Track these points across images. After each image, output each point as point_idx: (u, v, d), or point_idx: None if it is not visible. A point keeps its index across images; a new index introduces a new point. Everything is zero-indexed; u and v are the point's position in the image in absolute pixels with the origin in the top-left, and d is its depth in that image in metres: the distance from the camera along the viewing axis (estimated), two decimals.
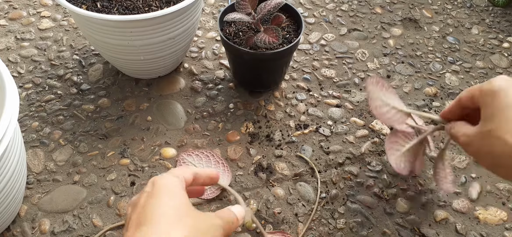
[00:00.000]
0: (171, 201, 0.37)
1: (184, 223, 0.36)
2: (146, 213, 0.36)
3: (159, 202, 0.37)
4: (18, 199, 0.57)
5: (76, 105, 0.75)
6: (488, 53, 0.90)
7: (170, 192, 0.38)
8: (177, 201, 0.37)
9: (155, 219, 0.35)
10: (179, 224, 0.35)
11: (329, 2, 1.01)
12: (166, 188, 0.38)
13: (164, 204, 0.36)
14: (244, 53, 0.68)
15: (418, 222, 0.61)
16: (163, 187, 0.38)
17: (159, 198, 0.37)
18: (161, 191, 0.38)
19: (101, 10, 0.68)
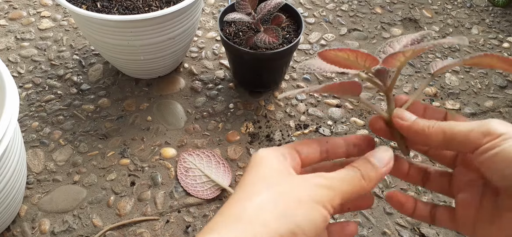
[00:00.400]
0: (260, 171, 0.31)
1: (271, 190, 0.29)
2: (236, 189, 0.31)
3: (247, 174, 0.32)
4: (18, 199, 0.57)
5: (76, 105, 0.75)
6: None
7: (259, 163, 0.32)
8: (266, 170, 0.31)
9: (240, 190, 0.30)
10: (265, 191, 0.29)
11: (329, 2, 1.01)
12: (255, 161, 0.32)
13: (252, 175, 0.31)
14: (244, 53, 0.68)
15: (418, 222, 0.61)
16: (252, 161, 0.33)
17: (248, 171, 0.32)
18: (250, 165, 0.33)
19: (101, 10, 0.68)
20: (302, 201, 0.28)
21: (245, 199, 0.29)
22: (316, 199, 0.28)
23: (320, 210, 0.28)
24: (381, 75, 0.33)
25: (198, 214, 0.61)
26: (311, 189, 0.29)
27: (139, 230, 0.60)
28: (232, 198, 0.30)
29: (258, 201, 0.28)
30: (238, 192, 0.30)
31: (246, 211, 0.28)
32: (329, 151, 0.35)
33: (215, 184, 0.64)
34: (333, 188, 0.29)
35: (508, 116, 0.77)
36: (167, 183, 0.65)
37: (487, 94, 0.81)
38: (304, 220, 0.27)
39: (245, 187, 0.30)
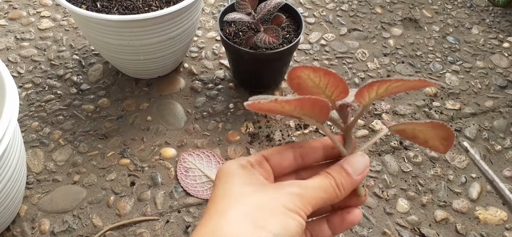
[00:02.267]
0: (229, 183, 0.31)
1: (243, 202, 0.29)
2: (208, 205, 0.31)
3: (216, 189, 0.31)
4: (18, 199, 0.57)
5: (76, 105, 0.75)
6: (488, 53, 0.90)
7: (227, 176, 0.31)
8: (235, 182, 0.31)
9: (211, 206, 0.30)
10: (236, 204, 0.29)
11: (329, 2, 1.01)
12: (221, 174, 0.32)
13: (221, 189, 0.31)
14: (244, 53, 0.68)
15: (418, 222, 0.61)
16: (219, 174, 0.32)
17: (216, 186, 0.32)
18: (218, 179, 0.32)
19: (101, 10, 0.68)
20: (276, 211, 0.28)
21: (218, 214, 0.28)
22: (290, 207, 0.28)
23: (294, 218, 0.28)
24: (344, 111, 0.32)
25: (198, 214, 0.61)
26: (283, 198, 0.29)
27: (139, 230, 0.60)
28: (205, 216, 0.29)
29: (232, 215, 0.28)
30: (210, 209, 0.29)
31: (221, 228, 0.27)
32: (305, 156, 0.34)
33: None
34: (306, 196, 0.29)
35: (508, 116, 0.77)
36: (167, 183, 0.65)
37: (487, 94, 0.81)
38: (280, 230, 0.27)
39: (216, 202, 0.29)
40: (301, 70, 0.29)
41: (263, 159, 0.33)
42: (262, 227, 0.27)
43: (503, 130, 0.75)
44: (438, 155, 0.70)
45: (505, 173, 0.68)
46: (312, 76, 0.29)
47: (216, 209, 0.29)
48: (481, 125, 0.75)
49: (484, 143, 0.72)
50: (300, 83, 0.30)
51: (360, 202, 0.34)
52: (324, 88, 0.29)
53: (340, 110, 0.32)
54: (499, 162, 0.70)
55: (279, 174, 0.34)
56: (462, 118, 0.76)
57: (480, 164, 0.33)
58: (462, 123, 0.75)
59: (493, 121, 0.76)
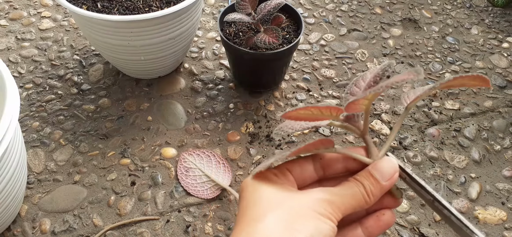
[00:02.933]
0: (260, 191, 0.31)
1: (276, 208, 0.29)
2: (236, 219, 0.32)
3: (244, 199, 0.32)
4: (19, 199, 0.57)
5: (77, 105, 0.76)
6: (488, 53, 0.91)
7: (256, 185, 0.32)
8: (266, 190, 0.31)
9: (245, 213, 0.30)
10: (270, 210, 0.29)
11: (329, 3, 1.01)
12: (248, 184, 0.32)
13: (253, 197, 0.31)
14: (244, 53, 0.68)
15: (418, 222, 0.62)
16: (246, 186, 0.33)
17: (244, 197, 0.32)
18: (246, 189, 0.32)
19: (101, 11, 0.68)
20: (308, 215, 0.29)
21: (254, 220, 0.29)
22: (321, 212, 0.29)
23: (326, 222, 0.29)
24: (352, 120, 0.32)
25: (199, 214, 0.62)
26: (314, 204, 0.29)
27: (139, 230, 0.60)
28: (240, 224, 0.30)
29: (269, 220, 0.29)
30: (243, 216, 0.30)
31: (261, 232, 0.28)
32: (325, 167, 0.34)
33: (215, 184, 0.64)
34: (335, 202, 0.30)
35: (507, 116, 0.77)
36: (168, 183, 0.65)
37: (487, 94, 0.81)
38: (315, 232, 0.28)
39: (249, 209, 0.30)
40: (291, 113, 0.30)
41: (286, 170, 0.33)
42: (297, 230, 0.28)
43: (502, 130, 0.75)
44: (438, 155, 0.70)
45: (504, 173, 0.68)
46: (303, 112, 0.30)
47: (251, 216, 0.30)
48: (481, 125, 0.75)
49: (483, 143, 0.73)
50: (298, 117, 0.31)
51: (396, 204, 0.34)
52: (320, 114, 0.31)
53: (348, 120, 0.32)
54: (498, 162, 0.70)
55: (301, 185, 0.34)
56: (462, 118, 0.77)
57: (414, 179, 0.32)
58: (461, 123, 0.76)
59: (492, 121, 0.76)
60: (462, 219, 0.30)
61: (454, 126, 0.75)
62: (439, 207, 0.31)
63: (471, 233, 0.29)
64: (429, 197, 0.32)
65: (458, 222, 0.30)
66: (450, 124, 0.76)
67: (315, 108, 0.30)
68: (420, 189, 0.32)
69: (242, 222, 0.30)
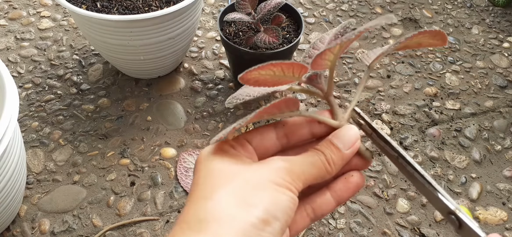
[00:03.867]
0: (211, 166, 0.29)
1: (228, 182, 0.27)
2: (190, 192, 0.29)
3: (196, 174, 0.29)
4: (18, 199, 0.57)
5: (76, 105, 0.75)
6: (488, 53, 0.90)
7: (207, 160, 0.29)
8: (217, 164, 0.28)
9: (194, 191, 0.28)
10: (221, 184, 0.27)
11: (329, 2, 1.01)
12: (201, 159, 0.30)
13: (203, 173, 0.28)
14: (244, 53, 0.68)
15: (418, 222, 0.61)
16: (199, 160, 0.30)
17: (197, 171, 0.29)
18: (198, 164, 0.30)
19: (101, 10, 0.68)
20: (264, 187, 0.26)
21: (204, 198, 0.26)
22: (278, 182, 0.27)
23: (285, 192, 0.27)
24: (314, 81, 0.30)
25: None
26: (271, 174, 0.27)
27: (139, 230, 0.60)
28: (190, 201, 0.27)
29: (219, 196, 0.26)
30: (193, 195, 0.27)
31: (210, 210, 0.25)
32: (289, 135, 0.31)
33: None
34: (295, 171, 0.28)
35: (508, 116, 0.77)
36: (167, 183, 0.65)
37: (487, 94, 0.81)
38: (272, 206, 0.26)
39: (200, 186, 0.27)
40: (250, 73, 0.27)
41: (244, 141, 0.30)
42: (252, 205, 0.25)
43: (503, 130, 0.75)
44: (438, 155, 0.70)
45: (505, 173, 0.68)
46: (264, 72, 0.28)
47: (199, 194, 0.27)
48: (481, 125, 0.75)
49: (484, 143, 0.72)
50: (257, 80, 0.29)
51: (365, 165, 0.32)
52: (282, 74, 0.28)
53: (310, 82, 0.30)
54: (499, 162, 0.70)
55: (263, 155, 0.31)
56: (462, 118, 0.76)
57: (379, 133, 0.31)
58: (462, 123, 0.75)
59: (493, 121, 0.76)
60: (426, 177, 0.28)
61: (455, 126, 0.75)
62: (403, 164, 0.29)
63: (434, 190, 0.28)
64: (394, 154, 0.30)
65: (422, 179, 0.29)
66: (450, 124, 0.75)
67: (275, 66, 0.27)
68: (385, 144, 0.30)
69: (190, 201, 0.27)
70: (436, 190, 0.28)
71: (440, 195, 0.28)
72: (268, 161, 0.28)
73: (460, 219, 0.27)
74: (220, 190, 0.26)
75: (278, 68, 0.27)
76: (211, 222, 0.25)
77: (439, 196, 0.28)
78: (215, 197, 0.26)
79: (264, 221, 0.25)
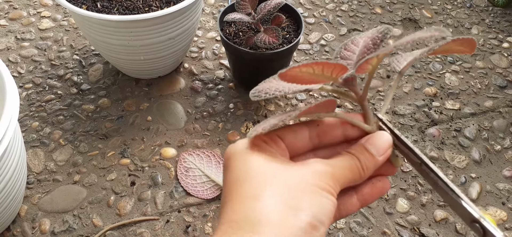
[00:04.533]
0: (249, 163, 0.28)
1: (271, 183, 0.27)
2: (224, 191, 0.29)
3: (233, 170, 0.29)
4: (18, 199, 0.57)
5: (76, 105, 0.76)
6: (488, 53, 0.90)
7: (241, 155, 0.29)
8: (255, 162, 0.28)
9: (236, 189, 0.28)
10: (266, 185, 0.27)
11: (329, 2, 1.01)
12: (236, 154, 0.29)
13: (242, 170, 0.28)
14: (244, 53, 0.68)
15: (418, 222, 0.61)
16: (233, 155, 0.30)
17: (232, 167, 0.29)
18: (233, 159, 0.29)
19: (101, 10, 0.68)
20: (308, 191, 0.26)
21: (251, 198, 0.26)
22: (321, 186, 0.27)
23: (328, 197, 0.27)
24: (350, 83, 0.30)
25: (198, 214, 0.62)
26: (313, 177, 0.27)
27: (139, 230, 0.60)
28: (235, 199, 0.27)
29: (267, 198, 0.26)
30: (238, 190, 0.27)
31: (260, 212, 0.25)
32: (321, 135, 0.31)
33: (215, 184, 0.64)
34: (335, 175, 0.28)
35: (508, 116, 0.77)
36: (167, 183, 0.65)
37: (487, 94, 0.81)
38: (317, 210, 0.26)
39: (243, 184, 0.27)
40: (292, 69, 0.27)
41: (277, 138, 0.30)
42: (300, 209, 0.26)
43: (502, 130, 0.75)
44: (438, 155, 0.70)
45: (505, 173, 0.68)
46: (305, 69, 0.28)
47: (245, 193, 0.27)
48: (481, 125, 0.75)
49: (483, 143, 0.72)
50: (295, 77, 0.29)
51: (393, 171, 0.33)
52: (321, 73, 0.28)
53: (345, 84, 0.30)
54: (498, 162, 0.70)
55: (294, 154, 0.31)
56: (462, 118, 0.76)
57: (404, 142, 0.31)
58: (461, 123, 0.76)
59: (492, 121, 0.76)
60: (449, 184, 0.29)
61: (455, 126, 0.75)
62: (427, 171, 0.30)
63: (457, 197, 0.28)
64: (417, 161, 0.30)
65: (446, 187, 0.29)
66: (450, 124, 0.75)
67: (317, 65, 0.27)
68: (409, 151, 0.31)
69: (235, 199, 0.27)
70: (460, 198, 0.28)
71: (464, 203, 0.28)
72: (308, 163, 0.28)
73: (485, 227, 0.27)
74: (266, 190, 0.26)
75: (319, 67, 0.28)
76: (262, 225, 0.25)
77: (462, 203, 0.28)
78: (263, 199, 0.26)
79: (312, 226, 0.25)
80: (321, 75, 0.28)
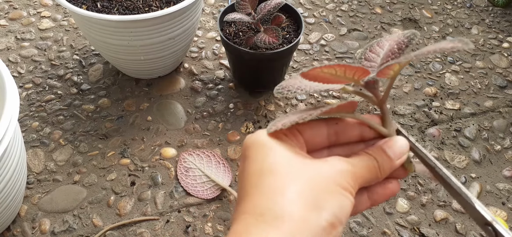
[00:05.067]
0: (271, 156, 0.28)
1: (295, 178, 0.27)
2: (243, 181, 0.28)
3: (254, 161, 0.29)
4: (18, 199, 0.57)
5: (76, 105, 0.76)
6: (488, 53, 0.90)
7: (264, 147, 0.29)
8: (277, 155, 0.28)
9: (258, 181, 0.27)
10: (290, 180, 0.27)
11: (329, 2, 1.01)
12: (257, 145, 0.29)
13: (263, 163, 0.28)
14: (244, 53, 0.68)
15: (418, 222, 0.61)
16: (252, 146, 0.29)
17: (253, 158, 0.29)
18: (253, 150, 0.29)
19: (101, 10, 0.68)
20: (331, 190, 0.27)
21: (275, 192, 0.26)
22: (343, 185, 0.27)
23: (348, 197, 0.27)
24: (372, 86, 0.31)
25: (198, 214, 0.62)
26: (336, 176, 0.28)
27: (139, 230, 0.60)
28: (254, 193, 0.27)
29: (291, 194, 0.26)
30: (257, 186, 0.27)
31: (284, 208, 0.26)
32: (339, 133, 0.32)
33: (215, 184, 0.64)
34: (356, 174, 0.28)
35: (508, 116, 0.77)
36: (167, 183, 0.65)
37: (487, 94, 0.81)
38: (338, 210, 0.26)
39: (263, 178, 0.27)
40: (314, 70, 0.28)
41: (297, 132, 0.30)
42: (322, 208, 0.26)
43: (502, 130, 0.75)
44: (438, 155, 0.70)
45: (505, 173, 0.68)
46: (326, 70, 0.28)
47: (267, 186, 0.27)
48: (481, 125, 0.75)
49: (483, 143, 0.72)
50: (317, 76, 0.29)
51: (404, 175, 0.34)
52: (343, 75, 0.29)
53: (367, 86, 0.31)
54: (498, 162, 0.70)
55: (310, 149, 0.31)
56: (462, 118, 0.76)
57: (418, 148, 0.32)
58: (461, 123, 0.76)
59: (492, 121, 0.76)
60: (461, 188, 0.30)
61: (455, 126, 0.75)
62: (440, 174, 0.31)
63: (470, 201, 0.29)
64: (431, 164, 0.32)
65: (459, 190, 0.30)
66: (450, 124, 0.75)
67: (340, 67, 0.28)
68: (423, 156, 0.33)
69: (258, 191, 0.27)
70: (472, 201, 0.28)
71: (477, 206, 0.28)
72: (330, 161, 0.29)
73: (497, 230, 0.27)
74: (291, 186, 0.27)
75: (341, 69, 0.28)
76: (285, 220, 0.25)
77: (475, 206, 0.28)
78: (287, 194, 0.26)
79: (332, 225, 0.26)
80: (343, 76, 0.29)
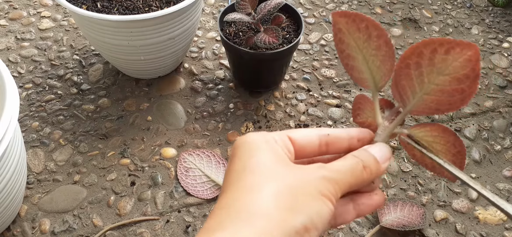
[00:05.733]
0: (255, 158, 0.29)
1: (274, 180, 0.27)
2: (226, 178, 0.29)
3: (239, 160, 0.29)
4: (18, 199, 0.57)
5: (76, 105, 0.76)
6: (488, 53, 0.90)
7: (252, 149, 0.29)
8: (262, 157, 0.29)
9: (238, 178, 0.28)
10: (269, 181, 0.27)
11: (329, 2, 1.01)
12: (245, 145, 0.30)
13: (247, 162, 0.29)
14: (244, 53, 0.68)
15: None
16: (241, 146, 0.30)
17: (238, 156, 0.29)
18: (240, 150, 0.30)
19: (101, 10, 0.68)
20: (310, 195, 0.27)
21: (249, 191, 0.27)
22: (323, 192, 0.27)
23: (327, 204, 0.27)
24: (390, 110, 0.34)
25: (198, 214, 0.62)
26: (317, 182, 0.28)
27: (139, 230, 0.60)
28: (233, 189, 0.28)
29: (266, 193, 0.27)
30: (237, 182, 0.28)
31: (256, 205, 0.26)
32: (330, 144, 0.32)
33: (215, 184, 0.64)
34: (337, 181, 0.28)
35: (508, 116, 0.77)
36: (167, 183, 0.65)
37: (487, 94, 0.81)
38: (315, 215, 0.27)
39: (243, 176, 0.28)
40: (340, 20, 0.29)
41: (287, 139, 0.31)
42: (299, 211, 0.26)
43: (502, 130, 0.75)
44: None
45: (505, 173, 0.68)
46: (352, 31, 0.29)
47: (245, 184, 0.27)
48: (481, 125, 0.75)
49: (483, 143, 0.72)
50: (342, 39, 0.30)
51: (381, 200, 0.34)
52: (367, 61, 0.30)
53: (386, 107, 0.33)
54: (498, 162, 0.70)
55: (300, 158, 0.32)
56: (462, 118, 0.76)
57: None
58: (461, 123, 0.76)
59: (492, 121, 0.76)
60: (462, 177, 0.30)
61: (455, 126, 0.75)
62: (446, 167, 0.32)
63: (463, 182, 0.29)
64: None
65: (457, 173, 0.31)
66: (450, 124, 0.75)
67: None
68: None
69: (237, 188, 0.28)
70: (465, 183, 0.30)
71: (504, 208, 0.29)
72: (312, 167, 0.29)
73: None
74: (269, 186, 0.27)
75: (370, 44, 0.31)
76: (259, 218, 0.26)
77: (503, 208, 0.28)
78: (264, 193, 0.27)
79: (306, 229, 0.26)
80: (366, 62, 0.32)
